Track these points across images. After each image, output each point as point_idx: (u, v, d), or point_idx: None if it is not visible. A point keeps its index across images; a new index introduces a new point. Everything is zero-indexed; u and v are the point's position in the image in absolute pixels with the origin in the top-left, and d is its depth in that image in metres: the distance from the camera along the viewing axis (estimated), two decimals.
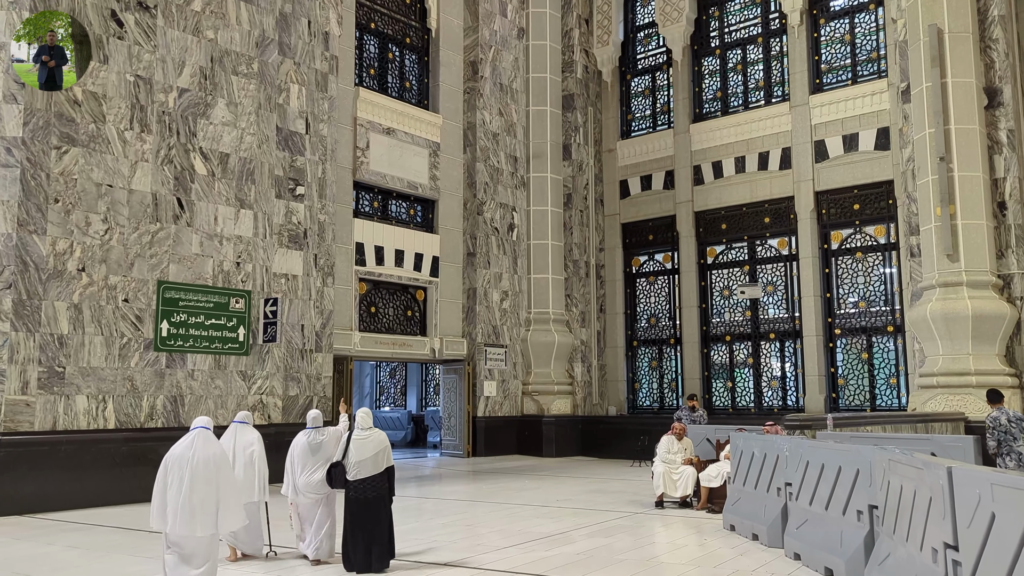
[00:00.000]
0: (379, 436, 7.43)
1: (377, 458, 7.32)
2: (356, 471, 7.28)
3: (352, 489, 7.28)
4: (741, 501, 9.18)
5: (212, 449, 6.01)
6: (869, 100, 17.90)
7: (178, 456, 5.88)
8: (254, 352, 13.99)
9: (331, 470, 7.42)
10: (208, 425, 6.23)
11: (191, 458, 5.86)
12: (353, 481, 7.28)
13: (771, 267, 19.48)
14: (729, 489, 9.81)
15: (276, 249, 14.63)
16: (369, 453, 7.30)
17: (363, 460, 7.28)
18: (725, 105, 20.50)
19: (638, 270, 21.72)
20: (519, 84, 21.51)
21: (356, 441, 7.35)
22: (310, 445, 7.81)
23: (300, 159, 15.24)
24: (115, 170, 12.40)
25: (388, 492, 7.39)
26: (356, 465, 7.28)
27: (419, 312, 19.38)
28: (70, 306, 11.76)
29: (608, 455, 19.68)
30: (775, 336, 19.22)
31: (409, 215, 19.38)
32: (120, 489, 11.88)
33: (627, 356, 21.55)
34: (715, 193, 20.16)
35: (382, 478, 7.36)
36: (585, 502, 11.86)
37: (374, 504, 7.28)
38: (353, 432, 7.43)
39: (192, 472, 5.80)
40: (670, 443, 11.49)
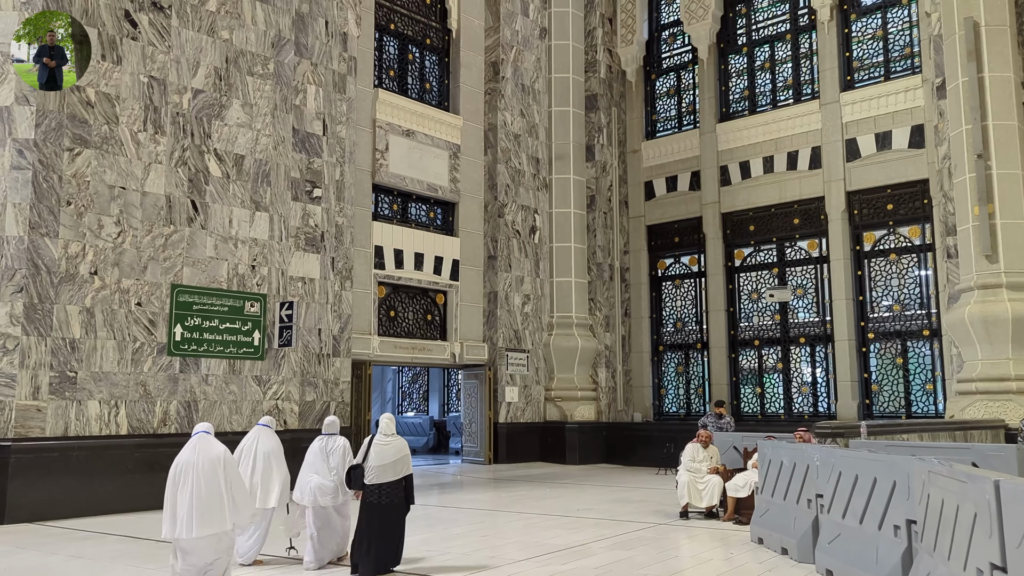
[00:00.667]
0: (400, 443, 7.45)
1: (396, 465, 7.35)
2: (374, 475, 7.30)
3: (368, 493, 7.32)
4: (769, 512, 8.74)
5: (215, 450, 6.08)
6: (903, 97, 17.35)
7: (184, 461, 5.97)
8: (270, 356, 13.75)
9: (350, 471, 7.47)
10: (208, 429, 6.31)
11: (196, 461, 5.94)
12: (370, 485, 7.30)
13: (801, 269, 18.96)
14: (757, 500, 9.37)
15: (292, 252, 14.39)
16: (389, 459, 7.33)
17: (383, 465, 7.31)
18: (752, 104, 20.01)
19: (664, 273, 21.27)
20: (541, 85, 21.18)
21: (377, 446, 7.38)
22: (322, 451, 7.86)
23: (317, 161, 15.01)
24: (128, 172, 12.22)
25: (404, 499, 7.42)
26: (375, 469, 7.30)
27: (439, 316, 19.08)
28: (82, 310, 11.58)
29: (633, 463, 19.24)
30: (805, 340, 18.68)
31: (429, 218, 19.10)
32: (132, 496, 11.66)
33: (653, 361, 21.10)
34: (743, 194, 19.68)
35: (399, 485, 7.38)
36: (607, 512, 11.46)
37: (388, 510, 7.29)
38: (375, 436, 7.46)
39: (198, 474, 5.87)
40: (695, 451, 11.06)
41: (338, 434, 8.10)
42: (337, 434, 8.08)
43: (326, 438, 8.00)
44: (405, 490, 7.43)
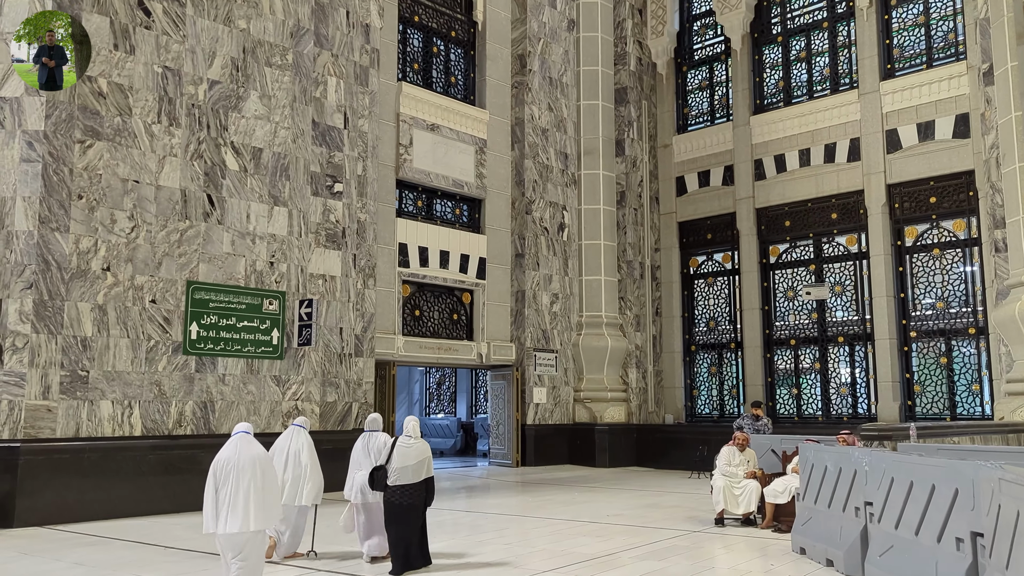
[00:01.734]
0: (422, 446, 7.57)
1: (418, 467, 7.45)
2: (396, 477, 7.41)
3: (390, 493, 7.42)
4: (813, 521, 8.14)
5: (254, 450, 6.21)
6: (946, 85, 16.59)
7: (225, 460, 6.09)
8: (289, 356, 13.35)
9: (373, 472, 7.61)
10: (248, 429, 6.43)
11: (237, 460, 6.07)
12: (392, 486, 7.42)
13: (839, 266, 18.23)
14: (798, 507, 8.77)
15: (313, 248, 13.99)
16: (411, 461, 7.44)
17: (404, 467, 7.41)
18: (788, 95, 19.32)
19: (696, 271, 20.63)
20: (569, 78, 20.64)
21: (400, 448, 7.49)
22: (365, 448, 8.18)
23: (338, 155, 14.60)
24: (142, 165, 11.88)
25: (423, 501, 7.52)
26: (397, 471, 7.41)
27: (465, 315, 18.61)
28: (94, 307, 11.24)
29: (664, 465, 18.63)
30: (844, 340, 17.95)
31: (454, 215, 18.64)
32: (146, 499, 11.32)
33: (685, 361, 20.46)
34: (778, 188, 18.99)
35: (419, 487, 7.47)
36: (638, 518, 10.90)
37: (407, 511, 7.39)
38: (399, 438, 7.60)
39: (238, 473, 6.01)
40: (731, 454, 10.46)
41: (380, 431, 8.39)
42: (379, 431, 8.38)
43: (368, 435, 8.29)
44: (426, 491, 7.54)
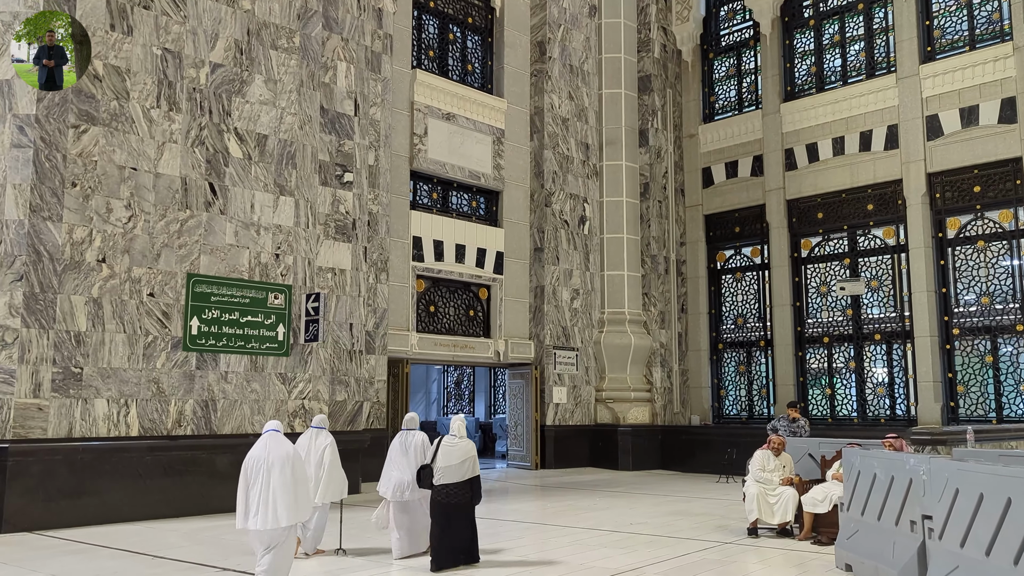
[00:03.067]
0: (467, 445, 7.63)
1: (462, 466, 7.52)
2: (441, 476, 7.48)
3: (436, 493, 7.50)
4: (860, 535, 7.36)
5: (284, 448, 6.30)
6: (991, 67, 15.67)
7: (256, 458, 6.20)
8: (295, 353, 12.71)
9: (420, 471, 7.69)
10: (278, 427, 6.51)
11: (266, 458, 6.18)
12: (437, 485, 7.49)
13: (875, 260, 17.35)
14: (842, 517, 7.98)
15: (321, 240, 13.35)
16: (455, 460, 7.52)
17: (449, 466, 7.48)
18: (820, 81, 18.46)
19: (723, 265, 19.81)
20: (591, 65, 19.89)
21: (445, 447, 7.59)
22: (402, 446, 8.19)
23: (348, 143, 13.95)
24: (140, 152, 11.28)
25: (471, 500, 7.59)
26: (442, 470, 7.49)
27: (482, 312, 17.92)
28: (88, 300, 10.65)
29: (691, 469, 17.85)
30: (881, 337, 17.07)
31: (471, 207, 17.96)
32: (143, 503, 10.72)
33: (712, 360, 19.65)
34: (810, 179, 18.14)
35: (465, 486, 7.53)
36: (663, 527, 10.14)
37: (454, 510, 7.46)
38: (444, 438, 7.70)
39: (268, 470, 6.13)
40: (765, 459, 9.69)
41: (417, 429, 8.40)
42: (416, 429, 8.39)
43: (405, 433, 8.32)
44: (472, 490, 7.59)
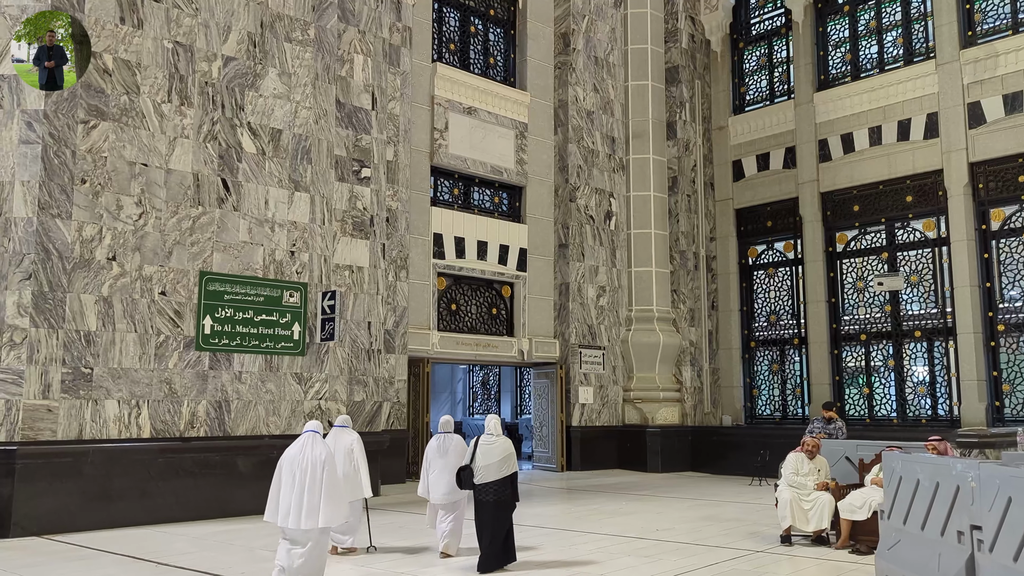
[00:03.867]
0: (504, 443, 7.76)
1: (501, 464, 7.62)
2: (481, 475, 7.59)
3: (478, 492, 7.62)
4: (902, 545, 6.84)
5: (319, 450, 6.38)
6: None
7: (291, 457, 6.31)
8: (311, 352, 12.40)
9: (460, 472, 7.78)
10: (318, 429, 6.63)
11: (301, 459, 6.28)
12: (478, 484, 7.60)
13: (915, 254, 16.69)
14: (882, 526, 7.45)
15: (338, 237, 13.03)
16: (494, 458, 7.61)
17: (488, 465, 7.60)
18: (855, 68, 17.81)
19: (755, 261, 19.22)
20: (616, 57, 19.41)
21: (483, 446, 7.72)
22: (440, 448, 8.40)
23: (365, 138, 13.62)
24: (151, 147, 11.02)
25: (510, 497, 7.66)
26: (481, 469, 7.61)
27: (505, 310, 17.52)
28: (99, 299, 10.41)
29: (722, 471, 17.32)
30: (921, 334, 16.40)
31: (493, 203, 17.57)
32: (154, 507, 10.46)
33: (743, 359, 19.07)
34: (845, 170, 17.51)
35: (506, 483, 7.62)
36: (693, 533, 9.67)
37: (494, 507, 7.52)
38: (481, 437, 7.82)
39: (302, 472, 6.21)
40: (799, 462, 9.18)
41: (452, 432, 8.61)
42: (451, 432, 8.60)
43: (443, 436, 8.52)
44: (512, 487, 7.67)
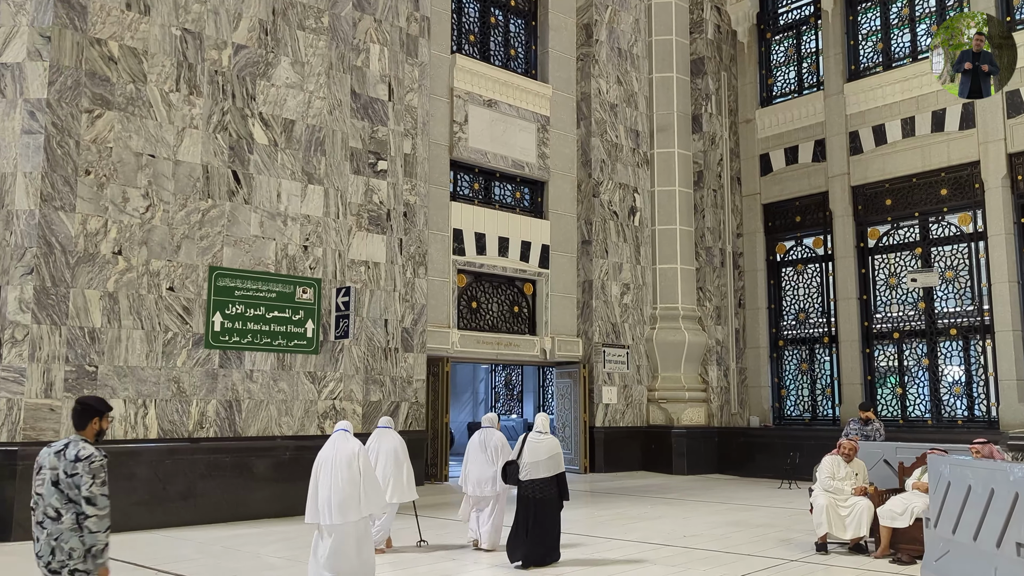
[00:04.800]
0: (552, 441, 7.94)
1: (549, 462, 7.79)
2: (528, 472, 7.76)
3: (523, 488, 7.77)
4: (951, 556, 6.34)
5: (350, 446, 6.54)
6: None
7: (325, 458, 6.51)
8: (325, 350, 12.04)
9: (506, 467, 7.98)
10: (348, 428, 6.81)
11: (334, 457, 6.46)
12: (525, 481, 7.76)
13: (950, 249, 16.05)
14: (928, 535, 6.94)
15: (353, 232, 12.66)
16: (542, 456, 7.77)
17: (536, 462, 7.76)
18: (887, 58, 17.20)
19: (783, 257, 18.64)
20: (640, 49, 18.91)
21: (531, 443, 7.87)
22: (481, 444, 8.61)
23: (382, 130, 13.25)
24: (158, 138, 10.70)
25: (558, 496, 7.84)
26: (528, 466, 7.76)
27: (527, 308, 17.08)
28: (104, 295, 10.10)
29: (749, 473, 16.78)
30: (957, 332, 15.77)
31: (515, 198, 17.13)
32: (162, 510, 10.13)
33: (771, 358, 18.49)
34: (877, 163, 16.90)
35: (552, 482, 7.78)
36: (721, 540, 9.18)
37: (541, 504, 7.68)
38: (529, 434, 7.98)
39: (335, 468, 6.39)
40: (835, 466, 8.66)
41: (495, 428, 8.84)
42: (494, 428, 8.84)
43: (485, 431, 8.77)
44: (559, 486, 7.82)
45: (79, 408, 4.40)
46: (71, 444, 4.26)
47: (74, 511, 4.16)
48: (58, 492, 4.18)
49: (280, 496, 11.04)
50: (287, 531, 9.90)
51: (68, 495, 4.18)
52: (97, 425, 4.40)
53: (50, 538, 4.15)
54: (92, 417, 4.39)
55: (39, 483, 4.23)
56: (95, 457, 4.21)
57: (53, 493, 4.18)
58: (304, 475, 11.31)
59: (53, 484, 4.19)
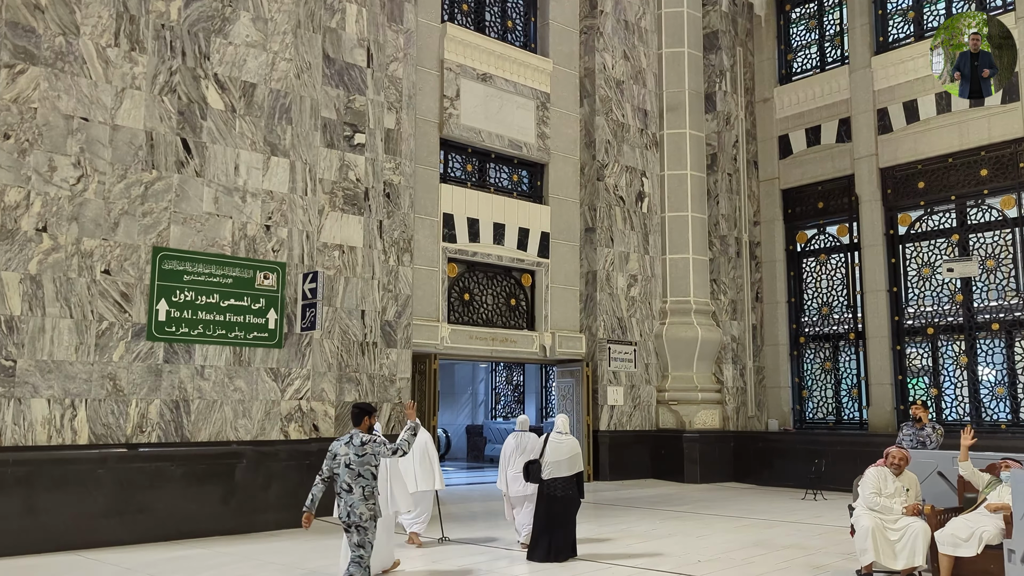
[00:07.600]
0: (572, 442, 8.11)
1: (569, 461, 7.98)
2: (549, 471, 7.94)
3: (545, 486, 7.94)
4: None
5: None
6: None
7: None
8: (290, 344, 10.63)
9: (528, 466, 8.17)
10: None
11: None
12: (546, 480, 7.92)
13: (991, 235, 14.56)
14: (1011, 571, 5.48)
15: (326, 212, 11.28)
16: (564, 456, 7.95)
17: (558, 461, 7.95)
18: (919, 27, 15.73)
19: (804, 247, 17.16)
20: (649, 21, 17.49)
21: (552, 443, 8.06)
22: (518, 446, 8.68)
23: (359, 99, 11.87)
24: (93, 99, 9.33)
25: (577, 495, 8.03)
26: (550, 465, 7.95)
27: (525, 301, 15.66)
28: (24, 278, 8.73)
29: (768, 482, 15.33)
30: (999, 327, 14.28)
31: (512, 181, 15.72)
32: (92, 528, 8.74)
33: (792, 356, 17.01)
34: (907, 142, 15.42)
35: (572, 480, 7.97)
36: (743, 567, 7.72)
37: (562, 503, 7.88)
38: (551, 434, 8.18)
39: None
40: (882, 479, 7.18)
41: (528, 431, 8.89)
42: (527, 431, 8.89)
43: (520, 435, 8.85)
44: (577, 485, 8.02)
45: (356, 411, 6.08)
46: (354, 436, 5.92)
47: (361, 485, 5.80)
48: (349, 471, 5.83)
49: (235, 511, 9.65)
50: (238, 551, 8.52)
51: (358, 471, 5.82)
52: (368, 421, 6.05)
53: (346, 505, 5.79)
54: (364, 416, 6.04)
55: (336, 465, 5.87)
56: (376, 439, 5.95)
57: (346, 472, 5.82)
58: (265, 486, 9.94)
59: (346, 466, 5.82)
